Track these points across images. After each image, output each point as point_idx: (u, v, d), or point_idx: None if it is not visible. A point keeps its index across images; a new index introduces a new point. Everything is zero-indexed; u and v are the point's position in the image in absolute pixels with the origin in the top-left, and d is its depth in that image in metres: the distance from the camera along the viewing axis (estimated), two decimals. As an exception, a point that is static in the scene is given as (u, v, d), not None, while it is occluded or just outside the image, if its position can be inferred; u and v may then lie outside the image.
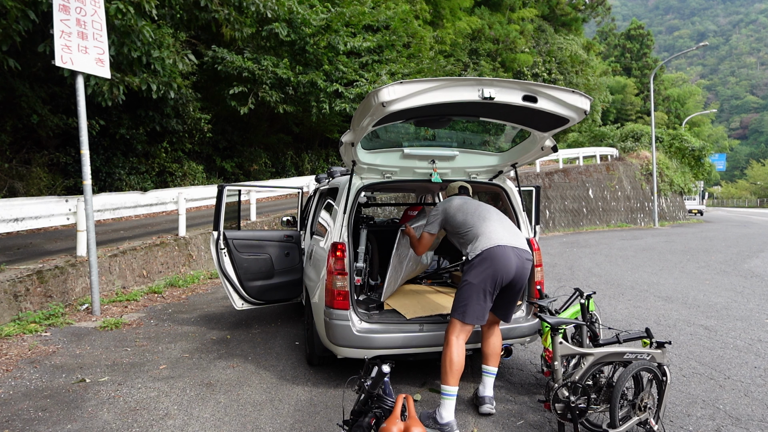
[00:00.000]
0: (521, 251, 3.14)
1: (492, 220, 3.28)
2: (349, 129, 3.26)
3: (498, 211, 3.42)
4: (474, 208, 3.39)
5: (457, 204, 3.46)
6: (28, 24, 7.78)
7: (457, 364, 2.99)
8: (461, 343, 3.06)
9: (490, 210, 3.40)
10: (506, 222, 3.35)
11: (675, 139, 29.17)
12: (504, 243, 3.10)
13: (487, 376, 3.28)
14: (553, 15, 38.74)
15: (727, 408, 3.28)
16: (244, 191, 10.64)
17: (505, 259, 3.03)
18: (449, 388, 2.96)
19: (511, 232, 3.25)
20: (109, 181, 13.20)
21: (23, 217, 6.30)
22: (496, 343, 3.31)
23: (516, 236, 3.24)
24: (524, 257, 3.15)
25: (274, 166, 19.23)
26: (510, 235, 3.20)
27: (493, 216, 3.33)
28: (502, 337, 3.59)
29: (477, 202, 3.48)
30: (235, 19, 11.95)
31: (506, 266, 3.03)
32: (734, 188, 74.53)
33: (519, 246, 3.15)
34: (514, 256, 3.08)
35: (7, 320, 5.24)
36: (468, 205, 3.43)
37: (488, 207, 3.46)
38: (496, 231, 3.19)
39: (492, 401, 3.23)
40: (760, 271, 9.28)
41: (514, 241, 3.15)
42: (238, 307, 4.95)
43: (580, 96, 2.91)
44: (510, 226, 3.33)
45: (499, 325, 3.35)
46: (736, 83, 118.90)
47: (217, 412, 3.25)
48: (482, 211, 3.36)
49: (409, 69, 18.01)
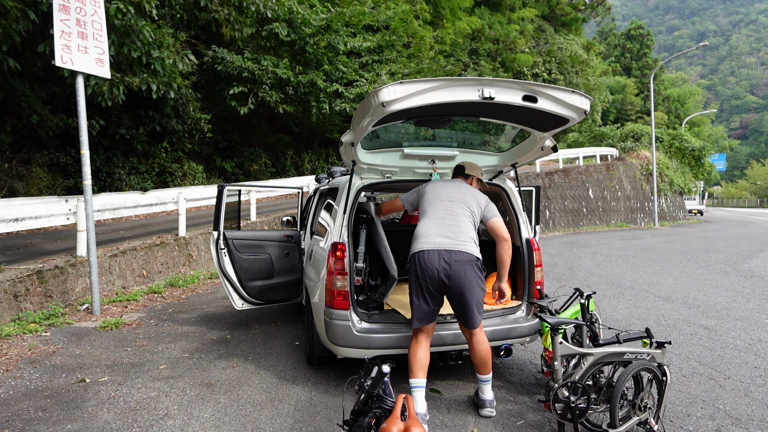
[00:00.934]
0: (452, 253, 3.04)
1: (431, 218, 3.22)
2: (349, 129, 3.26)
3: (450, 203, 3.28)
4: (432, 199, 3.33)
5: (431, 188, 3.43)
6: (28, 24, 7.78)
7: (414, 360, 3.09)
8: (419, 341, 3.14)
9: (441, 202, 3.29)
10: (449, 219, 3.20)
11: (675, 139, 29.18)
12: (429, 248, 3.06)
13: (482, 383, 3.24)
14: (553, 15, 38.75)
15: (727, 408, 3.28)
16: (244, 191, 10.65)
17: (427, 265, 3.03)
18: (412, 381, 3.08)
19: (447, 232, 3.13)
20: (109, 181, 13.20)
21: (23, 217, 6.30)
22: (480, 351, 3.15)
23: (452, 237, 3.11)
24: (454, 259, 3.03)
25: (274, 166, 19.23)
26: (441, 236, 3.11)
27: (437, 211, 3.24)
28: (499, 337, 3.59)
29: (444, 192, 3.36)
30: (235, 19, 11.95)
31: (429, 272, 3.03)
32: (734, 188, 74.54)
33: (450, 248, 3.05)
34: (439, 260, 3.02)
35: (7, 320, 5.24)
36: (433, 194, 3.37)
37: (446, 195, 3.33)
38: (427, 233, 3.15)
39: (492, 404, 3.21)
40: (760, 271, 9.28)
41: (444, 244, 3.07)
42: (238, 307, 4.95)
43: (580, 96, 2.91)
44: (449, 224, 3.18)
45: (478, 331, 3.16)
46: (736, 83, 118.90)
47: (217, 412, 3.25)
48: (435, 202, 3.29)
49: (409, 69, 18.01)
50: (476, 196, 3.38)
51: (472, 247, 3.13)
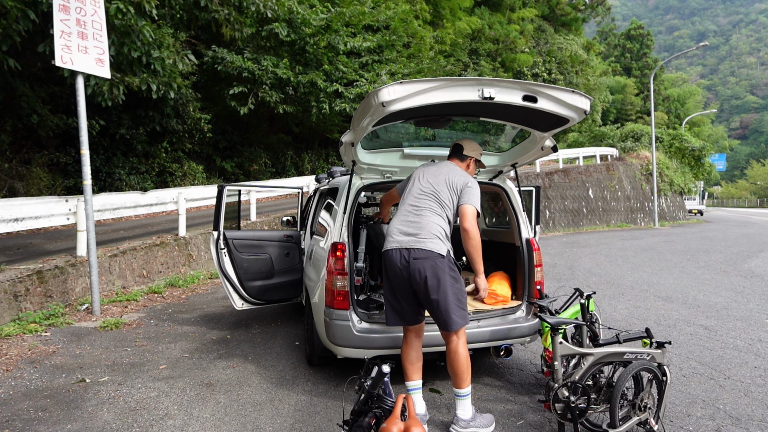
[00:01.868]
0: (411, 251, 2.86)
1: (398, 213, 3.07)
2: (349, 129, 3.26)
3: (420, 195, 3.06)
4: (408, 190, 3.16)
5: (414, 176, 3.23)
6: (28, 24, 7.78)
7: (406, 362, 3.05)
8: (408, 341, 3.07)
9: (411, 195, 3.10)
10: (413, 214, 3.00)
11: (675, 139, 29.19)
12: (392, 247, 2.94)
13: (456, 398, 2.95)
14: (553, 15, 38.76)
15: (727, 408, 3.28)
16: (244, 191, 10.65)
17: (391, 265, 2.93)
18: (408, 383, 3.05)
19: (409, 228, 2.95)
20: (109, 181, 13.20)
21: (23, 217, 6.30)
22: (452, 360, 2.90)
23: (413, 233, 2.92)
24: (412, 257, 2.85)
25: (274, 166, 19.23)
26: (404, 233, 2.95)
27: (404, 205, 3.08)
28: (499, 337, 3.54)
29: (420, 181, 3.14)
30: (235, 19, 11.95)
31: (393, 272, 2.93)
32: (734, 188, 74.55)
33: (409, 246, 2.88)
34: (400, 259, 2.88)
35: (7, 320, 5.24)
36: (410, 184, 3.19)
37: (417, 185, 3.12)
38: (392, 230, 3.01)
39: (468, 425, 2.91)
40: (760, 271, 9.27)
41: (404, 242, 2.91)
42: (238, 307, 4.95)
43: (580, 96, 2.91)
44: (412, 220, 2.98)
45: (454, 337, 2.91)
46: (736, 83, 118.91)
47: (217, 412, 3.25)
48: (407, 195, 3.13)
49: (409, 69, 18.01)
50: (454, 181, 3.07)
51: (434, 243, 2.88)
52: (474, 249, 2.97)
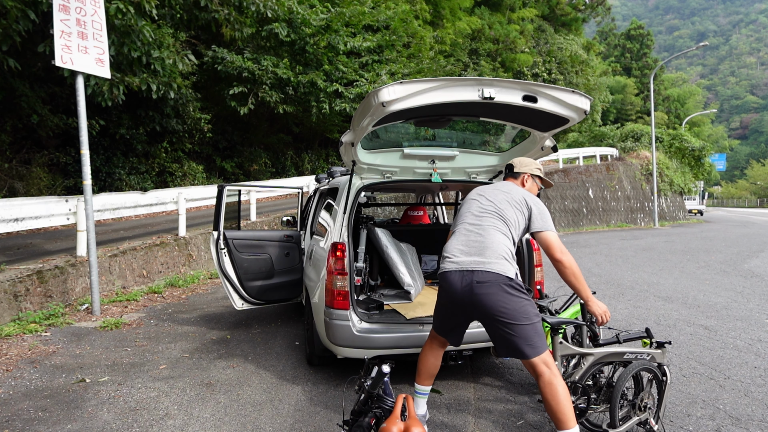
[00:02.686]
0: (475, 274, 2.54)
1: (457, 232, 2.78)
2: (349, 129, 3.26)
3: (481, 214, 2.77)
4: (464, 211, 2.88)
5: (470, 197, 2.95)
6: (28, 24, 7.78)
7: (423, 365, 2.93)
8: (433, 347, 2.94)
9: (470, 214, 2.81)
10: (475, 234, 2.70)
11: (675, 139, 29.19)
12: (451, 268, 2.63)
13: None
14: (553, 15, 38.75)
15: (727, 408, 3.28)
16: (244, 191, 10.65)
17: (450, 288, 2.62)
18: (417, 386, 2.95)
19: (471, 248, 2.65)
20: (109, 181, 13.20)
21: (23, 217, 6.30)
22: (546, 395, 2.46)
23: (476, 254, 2.61)
24: (476, 280, 2.52)
25: (274, 166, 19.24)
26: (465, 253, 2.64)
27: (464, 225, 2.78)
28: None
29: (479, 201, 2.86)
30: (235, 19, 11.96)
31: (452, 296, 2.63)
32: (734, 188, 74.56)
33: (473, 268, 2.56)
34: (461, 282, 2.56)
35: (7, 320, 5.25)
36: (467, 205, 2.90)
37: (477, 204, 2.85)
38: (451, 250, 2.72)
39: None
40: (760, 271, 9.27)
41: (467, 263, 2.60)
42: (238, 307, 4.96)
43: (580, 96, 2.91)
44: (475, 239, 2.68)
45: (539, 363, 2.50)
46: (736, 83, 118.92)
47: (217, 412, 3.25)
48: (466, 214, 2.84)
49: (409, 69, 18.02)
50: (518, 201, 2.77)
51: (500, 264, 2.56)
52: (575, 278, 2.64)
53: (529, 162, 3.10)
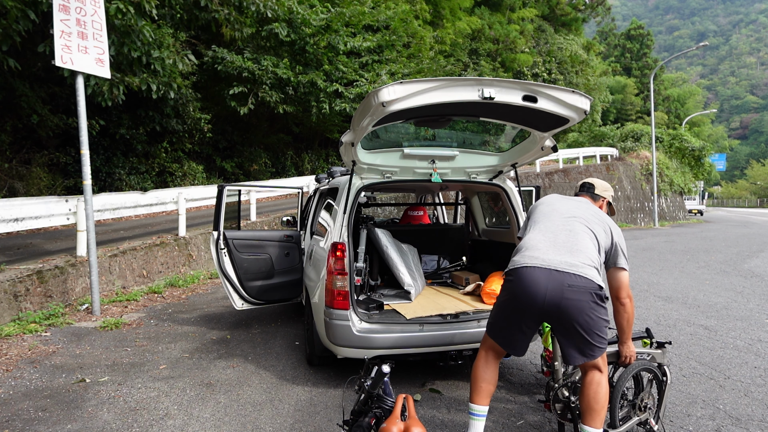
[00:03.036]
0: (566, 276, 2.36)
1: (543, 230, 2.59)
2: (349, 129, 3.26)
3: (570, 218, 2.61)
4: (548, 212, 2.70)
5: (548, 200, 2.81)
6: (28, 24, 7.78)
7: (479, 380, 2.59)
8: (488, 358, 2.63)
9: (559, 215, 2.65)
10: (565, 234, 2.53)
11: (675, 139, 29.19)
12: (535, 264, 2.41)
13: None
14: (553, 15, 38.75)
15: (727, 408, 3.28)
16: (244, 191, 10.64)
17: (528, 286, 2.38)
18: (471, 406, 2.58)
19: (562, 249, 2.46)
20: (109, 181, 13.20)
21: (23, 217, 6.30)
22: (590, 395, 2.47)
23: (568, 256, 2.43)
24: (567, 283, 2.34)
25: (274, 166, 19.23)
26: (554, 252, 2.45)
27: (552, 224, 2.61)
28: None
29: (564, 206, 2.72)
30: (235, 19, 11.96)
31: (529, 295, 2.38)
32: (734, 188, 74.56)
33: (563, 269, 2.38)
34: (547, 282, 2.35)
35: (7, 320, 5.25)
36: (549, 207, 2.74)
37: (565, 209, 2.68)
38: (536, 245, 2.50)
39: None
40: (760, 271, 9.27)
41: (556, 263, 2.40)
42: (238, 307, 4.96)
43: (580, 96, 2.91)
44: (565, 240, 2.50)
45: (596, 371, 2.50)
46: (736, 83, 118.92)
47: (217, 412, 3.25)
48: (551, 215, 2.66)
49: (409, 69, 18.01)
50: (605, 226, 2.62)
51: (593, 272, 2.42)
52: (628, 322, 2.62)
53: (608, 187, 2.99)
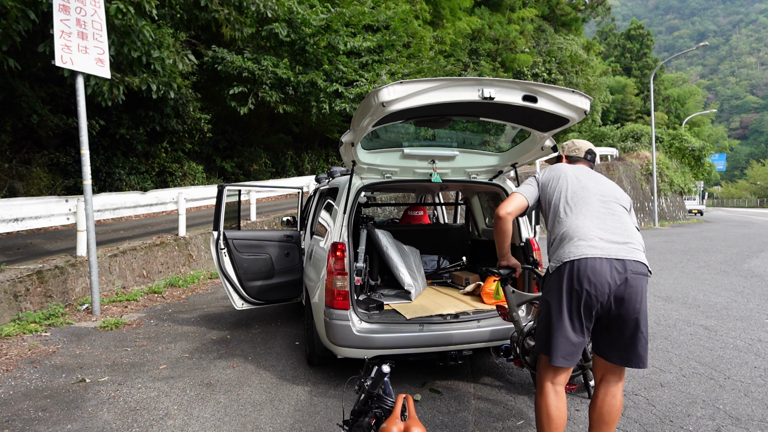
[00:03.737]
0: (627, 263, 2.23)
1: (587, 215, 2.37)
2: (349, 129, 3.26)
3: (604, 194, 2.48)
4: (580, 187, 2.48)
5: (567, 176, 2.55)
6: (28, 24, 7.78)
7: (556, 420, 2.25)
8: (557, 390, 2.31)
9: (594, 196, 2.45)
10: (611, 218, 2.38)
11: (675, 139, 29.20)
12: (596, 254, 2.23)
13: None
14: (553, 15, 38.77)
15: (727, 408, 3.28)
16: (244, 191, 10.65)
17: (596, 278, 2.20)
18: None
19: (615, 234, 2.32)
20: (109, 181, 13.21)
21: (23, 217, 6.30)
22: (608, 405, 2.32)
23: (623, 241, 2.30)
24: (630, 270, 2.22)
25: (274, 166, 19.24)
26: (609, 240, 2.29)
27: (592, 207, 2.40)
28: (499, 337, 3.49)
29: (591, 184, 2.53)
30: (235, 19, 11.96)
31: (597, 288, 2.20)
32: (734, 188, 74.58)
33: (623, 257, 2.24)
34: (611, 271, 2.20)
35: (7, 320, 5.25)
36: (577, 183, 2.50)
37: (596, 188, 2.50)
38: (588, 233, 2.30)
39: None
40: (760, 271, 9.27)
41: (615, 250, 2.25)
42: (238, 307, 4.96)
43: (580, 96, 2.91)
44: (615, 225, 2.35)
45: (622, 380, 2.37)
46: (736, 83, 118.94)
47: (217, 412, 3.25)
48: (586, 196, 2.45)
49: (409, 69, 18.02)
50: (626, 195, 2.58)
51: (644, 256, 2.34)
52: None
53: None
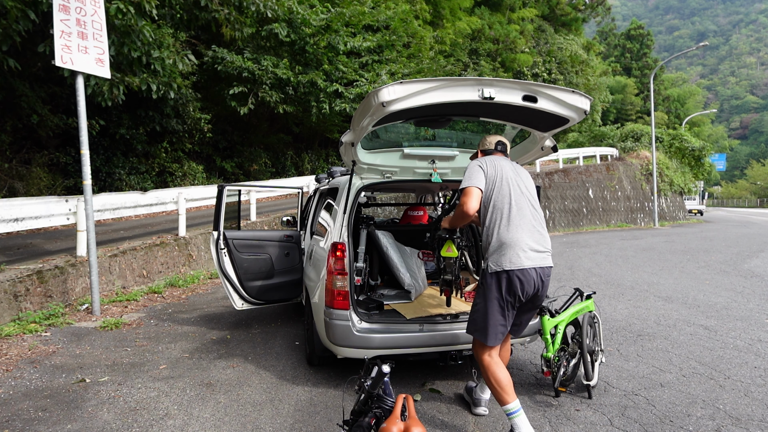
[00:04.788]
0: (545, 270, 2.81)
1: (524, 228, 2.79)
2: (349, 129, 3.26)
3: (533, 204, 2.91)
4: (518, 193, 2.86)
5: (503, 168, 2.91)
6: (28, 24, 7.78)
7: (504, 382, 2.76)
8: (497, 360, 2.84)
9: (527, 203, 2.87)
10: (537, 224, 2.87)
11: (675, 139, 29.19)
12: (529, 266, 2.73)
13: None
14: (553, 15, 38.76)
15: (727, 408, 3.28)
16: (244, 191, 10.65)
17: (527, 284, 2.75)
18: (509, 406, 2.74)
19: (539, 243, 2.82)
20: (109, 181, 13.20)
21: (23, 217, 6.30)
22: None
23: (542, 249, 2.82)
24: (546, 275, 2.82)
25: (274, 166, 19.23)
26: (534, 250, 2.78)
27: (526, 218, 2.83)
28: None
29: (521, 178, 2.94)
30: (235, 19, 11.95)
31: (526, 291, 2.76)
32: (734, 188, 74.58)
33: (543, 265, 2.79)
34: (537, 277, 2.77)
35: (7, 320, 5.24)
36: (514, 181, 2.89)
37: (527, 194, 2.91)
38: (521, 243, 2.75)
39: (487, 403, 3.21)
40: (760, 271, 9.27)
41: (539, 259, 2.78)
42: (238, 307, 4.95)
43: (580, 96, 2.91)
44: (540, 232, 2.85)
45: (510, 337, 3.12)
46: (736, 83, 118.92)
47: (217, 412, 3.25)
48: (522, 203, 2.85)
49: (409, 69, 18.01)
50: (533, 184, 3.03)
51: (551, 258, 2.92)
52: None
53: None
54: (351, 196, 3.67)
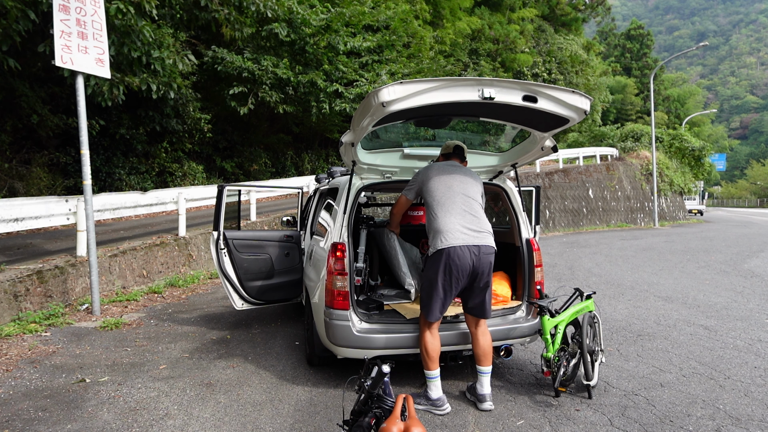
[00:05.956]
0: (480, 248, 3.17)
1: (452, 212, 3.21)
2: (349, 129, 3.26)
3: (465, 193, 3.31)
4: (446, 187, 3.29)
5: (438, 170, 3.39)
6: (28, 24, 7.77)
7: (433, 352, 3.23)
8: (434, 333, 3.28)
9: (458, 195, 3.28)
10: (471, 214, 3.26)
11: (675, 139, 29.19)
12: (459, 243, 3.12)
13: (482, 376, 3.31)
14: (553, 15, 38.75)
15: (727, 408, 3.28)
16: (244, 191, 10.64)
17: (460, 261, 3.11)
18: (431, 372, 3.23)
19: (472, 226, 3.21)
20: (109, 181, 13.20)
21: (23, 217, 6.30)
22: (485, 342, 3.32)
23: (477, 231, 3.21)
24: (482, 252, 3.17)
25: (274, 166, 19.23)
26: (468, 231, 3.18)
27: (456, 205, 3.24)
28: (500, 338, 3.58)
29: (455, 175, 3.36)
30: (235, 19, 11.95)
31: (461, 268, 3.12)
32: (734, 188, 74.60)
33: (477, 243, 3.17)
34: (470, 255, 3.13)
35: (7, 320, 5.24)
36: (444, 180, 3.33)
37: (458, 187, 3.32)
38: (454, 228, 3.17)
39: (491, 398, 3.28)
40: (760, 271, 9.27)
41: (471, 239, 3.16)
42: (238, 307, 4.95)
43: (580, 96, 2.91)
44: (473, 219, 3.24)
45: (484, 322, 3.37)
46: (736, 83, 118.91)
47: (217, 412, 3.25)
48: (452, 196, 3.27)
49: (409, 69, 18.01)
50: (481, 189, 3.44)
51: (493, 240, 3.29)
52: None
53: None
54: (351, 196, 3.68)
